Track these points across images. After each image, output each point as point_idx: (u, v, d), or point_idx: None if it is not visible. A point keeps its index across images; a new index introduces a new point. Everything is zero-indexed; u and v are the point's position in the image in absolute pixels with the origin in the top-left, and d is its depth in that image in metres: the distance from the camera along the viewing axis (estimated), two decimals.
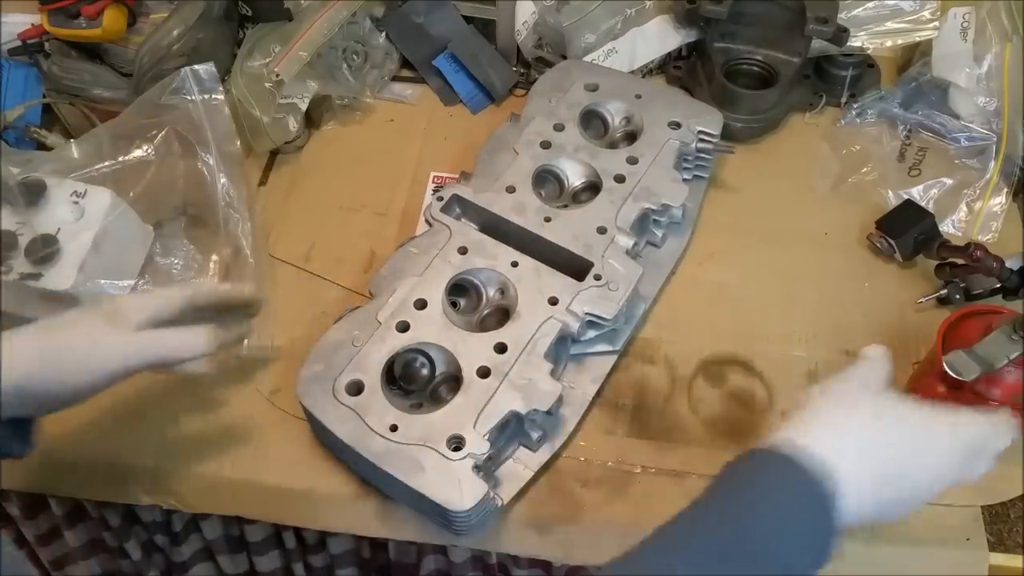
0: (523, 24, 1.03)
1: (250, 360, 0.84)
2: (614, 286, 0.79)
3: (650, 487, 0.77)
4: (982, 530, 0.74)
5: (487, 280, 0.81)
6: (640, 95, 0.93)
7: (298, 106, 0.97)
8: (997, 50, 0.95)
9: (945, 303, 0.85)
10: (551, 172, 0.89)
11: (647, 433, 0.80)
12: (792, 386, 0.82)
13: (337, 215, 0.95)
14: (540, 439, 0.76)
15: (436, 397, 0.76)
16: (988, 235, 0.91)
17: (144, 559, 0.99)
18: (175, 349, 0.65)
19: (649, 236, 0.88)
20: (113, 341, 0.63)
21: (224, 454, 0.79)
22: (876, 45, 1.00)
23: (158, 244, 0.90)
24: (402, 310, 0.77)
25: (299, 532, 0.90)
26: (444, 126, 1.03)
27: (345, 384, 0.73)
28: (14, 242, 0.80)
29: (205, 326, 0.66)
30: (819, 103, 1.02)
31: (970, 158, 0.95)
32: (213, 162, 0.88)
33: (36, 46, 0.96)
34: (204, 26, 0.94)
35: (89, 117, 0.96)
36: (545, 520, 0.76)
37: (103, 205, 0.82)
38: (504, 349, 0.75)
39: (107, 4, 0.91)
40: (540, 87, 0.95)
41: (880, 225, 0.89)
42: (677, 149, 0.88)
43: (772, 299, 0.88)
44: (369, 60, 1.04)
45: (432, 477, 0.68)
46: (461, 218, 0.86)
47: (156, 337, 0.64)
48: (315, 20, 0.97)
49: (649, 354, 0.84)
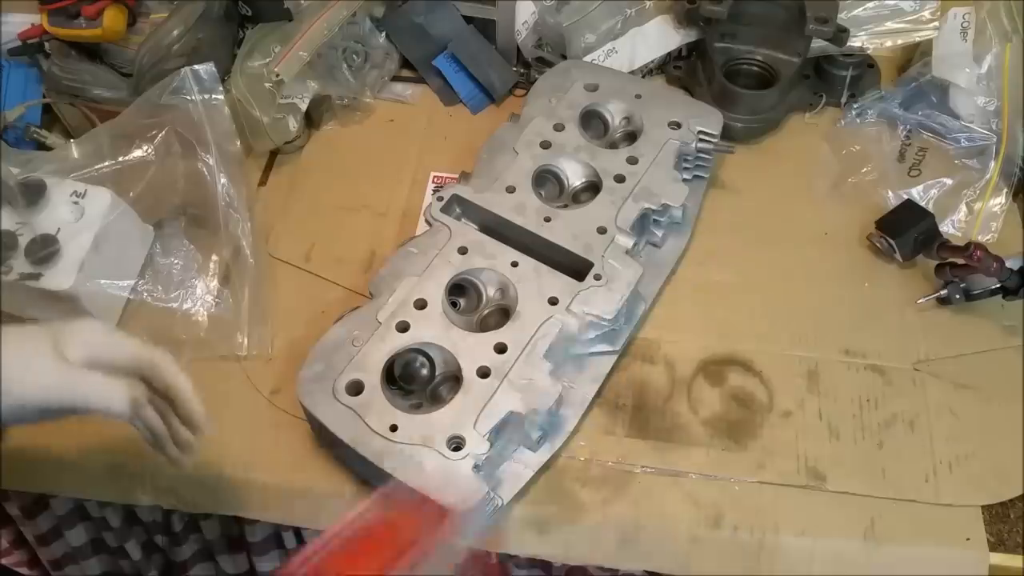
0: (523, 24, 1.03)
1: (250, 360, 0.84)
2: (614, 286, 0.79)
3: (650, 487, 0.77)
4: (982, 530, 0.74)
5: (487, 280, 0.81)
6: (640, 95, 0.93)
7: (298, 106, 0.97)
8: (997, 50, 0.95)
9: (945, 303, 0.85)
10: (551, 172, 0.89)
11: (647, 433, 0.80)
12: (792, 386, 0.82)
13: (337, 215, 0.95)
14: (540, 439, 0.76)
15: (436, 397, 0.76)
16: (988, 235, 0.91)
17: (144, 559, 0.99)
18: (87, 396, 0.58)
19: (649, 236, 0.88)
20: (42, 367, 0.58)
21: (224, 454, 0.79)
22: (876, 45, 1.00)
23: (158, 244, 0.90)
24: (402, 310, 0.77)
25: (299, 532, 0.90)
26: (444, 126, 1.03)
27: (345, 384, 0.73)
28: (14, 242, 0.80)
29: (131, 383, 0.60)
30: (819, 103, 1.02)
31: (970, 158, 0.94)
32: (213, 162, 0.88)
33: (36, 46, 0.96)
34: (204, 26, 0.94)
35: (89, 117, 0.96)
36: (545, 520, 0.76)
37: (103, 205, 0.82)
38: (504, 349, 0.75)
39: (107, 4, 0.91)
40: (540, 87, 0.95)
41: (880, 225, 0.89)
42: (677, 149, 0.88)
43: (772, 299, 0.88)
44: (369, 60, 1.04)
45: (432, 477, 0.68)
46: (461, 218, 0.86)
47: (77, 376, 0.59)
48: (315, 20, 0.97)
49: (649, 354, 0.84)
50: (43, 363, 0.58)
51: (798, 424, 0.80)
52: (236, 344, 0.84)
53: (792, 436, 0.79)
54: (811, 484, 0.77)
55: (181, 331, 0.85)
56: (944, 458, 0.77)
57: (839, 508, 0.75)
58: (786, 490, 0.76)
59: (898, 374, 0.82)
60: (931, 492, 0.76)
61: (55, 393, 0.58)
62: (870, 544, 0.74)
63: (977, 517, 0.75)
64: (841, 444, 0.79)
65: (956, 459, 0.77)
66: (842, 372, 0.83)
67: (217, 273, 0.88)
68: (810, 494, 0.76)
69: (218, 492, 0.79)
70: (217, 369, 0.84)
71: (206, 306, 0.87)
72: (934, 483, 0.76)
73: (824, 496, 0.76)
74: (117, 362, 0.61)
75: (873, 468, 0.77)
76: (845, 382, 0.82)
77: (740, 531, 0.75)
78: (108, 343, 0.61)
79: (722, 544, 0.75)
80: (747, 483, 0.77)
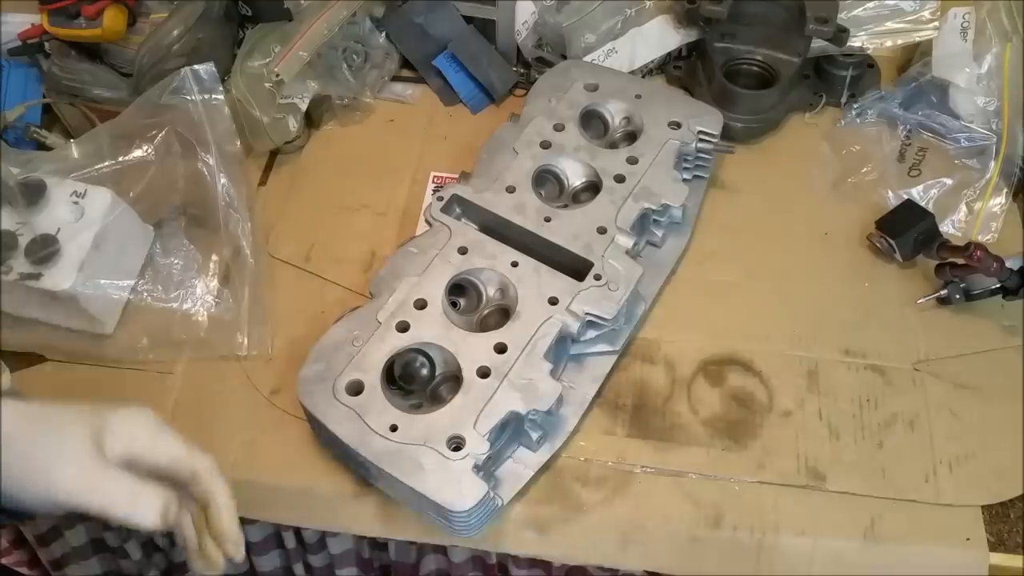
0: (523, 24, 1.03)
1: (250, 360, 0.84)
2: (614, 286, 0.79)
3: (650, 487, 0.77)
4: (982, 530, 0.74)
5: (487, 280, 0.81)
6: (640, 95, 0.93)
7: (298, 106, 0.97)
8: (997, 50, 0.95)
9: (945, 303, 0.85)
10: (551, 172, 0.89)
11: (647, 433, 0.80)
12: (792, 386, 0.82)
13: (337, 215, 0.95)
14: (540, 439, 0.76)
15: (436, 397, 0.76)
16: (988, 235, 0.91)
17: (144, 559, 0.99)
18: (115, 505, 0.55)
19: (649, 236, 0.88)
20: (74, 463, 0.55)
21: (224, 454, 0.79)
22: (876, 45, 1.00)
23: (158, 244, 0.90)
24: (402, 310, 0.77)
25: (299, 532, 0.90)
26: (444, 126, 1.03)
27: (345, 384, 0.73)
28: (14, 242, 0.80)
29: (166, 493, 0.57)
30: (819, 103, 1.02)
31: (970, 158, 0.94)
32: (213, 162, 0.88)
33: (36, 46, 0.96)
34: (204, 26, 0.94)
35: (89, 117, 0.96)
36: (545, 520, 0.76)
37: (103, 205, 0.82)
38: (504, 349, 0.75)
39: (107, 4, 0.91)
40: (540, 87, 0.95)
41: (880, 225, 0.89)
42: (677, 149, 0.88)
43: (772, 299, 0.88)
44: (369, 60, 1.04)
45: (432, 477, 0.68)
46: (461, 218, 0.86)
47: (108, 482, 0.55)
48: (315, 20, 0.97)
49: (649, 354, 0.84)
50: (76, 459, 0.55)
51: (798, 424, 0.80)
52: (236, 344, 0.84)
53: (792, 436, 0.79)
54: (811, 484, 0.77)
55: (181, 331, 0.85)
56: (944, 458, 0.77)
57: (839, 508, 0.75)
58: (786, 490, 0.76)
59: (898, 374, 0.82)
60: (931, 492, 0.76)
61: (82, 498, 0.55)
62: (870, 544, 0.74)
63: (977, 517, 0.75)
64: (841, 444, 0.79)
65: (956, 459, 0.77)
66: (842, 372, 0.83)
67: (217, 273, 0.88)
68: (810, 494, 0.76)
69: None
70: (217, 369, 0.84)
71: (206, 306, 0.87)
72: (934, 483, 0.76)
73: (824, 496, 0.76)
74: (158, 465, 0.58)
75: (873, 468, 0.77)
76: (845, 382, 0.82)
77: (740, 531, 0.75)
78: (152, 443, 0.58)
79: (722, 544, 0.75)
80: (747, 483, 0.77)
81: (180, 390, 0.83)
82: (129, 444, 0.57)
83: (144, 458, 0.58)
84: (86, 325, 0.84)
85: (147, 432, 0.59)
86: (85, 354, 0.84)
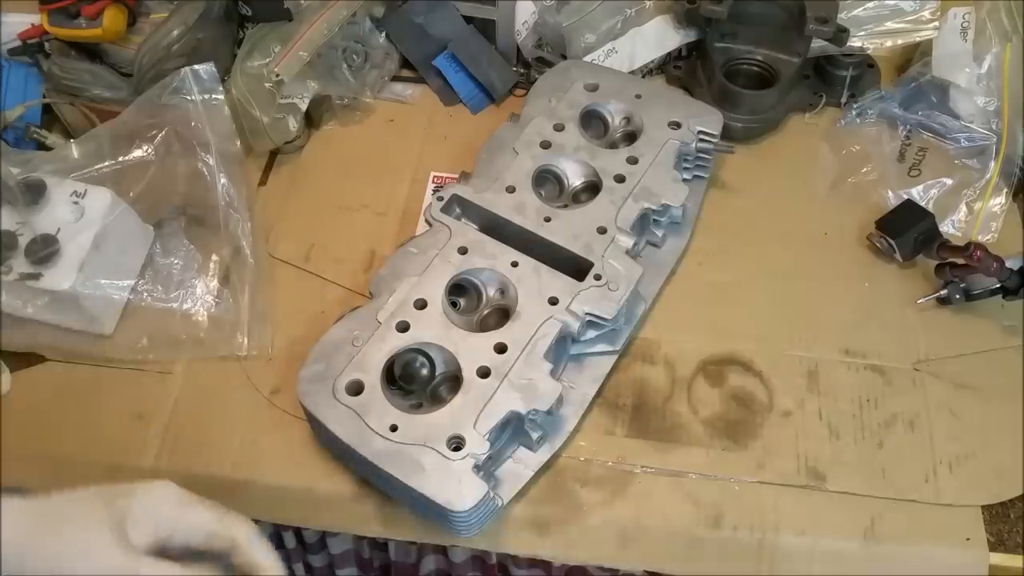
0: (523, 24, 1.03)
1: (250, 360, 0.84)
2: (614, 286, 0.79)
3: (650, 487, 0.77)
4: (982, 530, 0.74)
5: (487, 280, 0.81)
6: (640, 95, 0.93)
7: (298, 106, 0.97)
8: (997, 50, 0.95)
9: (945, 303, 0.85)
10: (551, 172, 0.89)
11: (647, 433, 0.80)
12: (792, 386, 0.82)
13: (337, 215, 0.95)
14: (540, 439, 0.76)
15: (436, 397, 0.76)
16: (988, 235, 0.91)
17: None
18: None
19: (649, 236, 0.88)
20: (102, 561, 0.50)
21: (224, 454, 0.79)
22: (876, 45, 1.00)
23: (158, 244, 0.90)
24: (402, 310, 0.77)
25: (299, 532, 0.90)
26: (444, 126, 1.03)
27: (345, 384, 0.73)
28: (14, 242, 0.80)
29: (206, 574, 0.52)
30: (819, 103, 1.02)
31: (970, 158, 0.95)
32: (213, 162, 0.88)
33: (36, 46, 0.96)
34: (204, 26, 0.94)
35: (89, 117, 0.96)
36: (545, 520, 0.76)
37: (103, 205, 0.82)
38: (504, 349, 0.75)
39: (107, 4, 0.91)
40: (540, 87, 0.95)
41: (880, 225, 0.89)
42: (677, 149, 0.88)
43: (772, 299, 0.88)
44: (369, 60, 1.04)
45: (432, 477, 0.68)
46: (461, 218, 0.86)
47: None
48: (315, 20, 0.97)
49: (649, 354, 0.84)
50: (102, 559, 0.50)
51: (798, 424, 0.80)
52: (236, 344, 0.84)
53: (792, 436, 0.79)
54: (811, 484, 0.77)
55: (181, 331, 0.85)
56: (944, 458, 0.77)
57: (839, 508, 0.75)
58: (786, 490, 0.76)
59: (898, 374, 0.82)
60: (931, 492, 0.76)
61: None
62: (870, 544, 0.74)
63: (977, 517, 0.75)
64: (841, 444, 0.79)
65: (956, 459, 0.77)
66: (842, 372, 0.83)
67: (217, 273, 0.88)
68: (810, 494, 0.76)
69: (218, 492, 0.79)
70: (217, 369, 0.84)
71: (206, 306, 0.87)
72: (934, 483, 0.76)
73: (824, 496, 0.76)
74: (190, 541, 0.53)
75: (873, 468, 0.77)
76: (845, 382, 0.82)
77: (740, 531, 0.75)
78: (180, 519, 0.53)
79: (722, 544, 0.75)
80: (747, 483, 0.77)
81: (180, 390, 0.83)
82: (156, 527, 0.52)
83: (174, 538, 0.53)
84: (86, 325, 0.84)
85: (171, 507, 0.54)
86: (85, 354, 0.84)
